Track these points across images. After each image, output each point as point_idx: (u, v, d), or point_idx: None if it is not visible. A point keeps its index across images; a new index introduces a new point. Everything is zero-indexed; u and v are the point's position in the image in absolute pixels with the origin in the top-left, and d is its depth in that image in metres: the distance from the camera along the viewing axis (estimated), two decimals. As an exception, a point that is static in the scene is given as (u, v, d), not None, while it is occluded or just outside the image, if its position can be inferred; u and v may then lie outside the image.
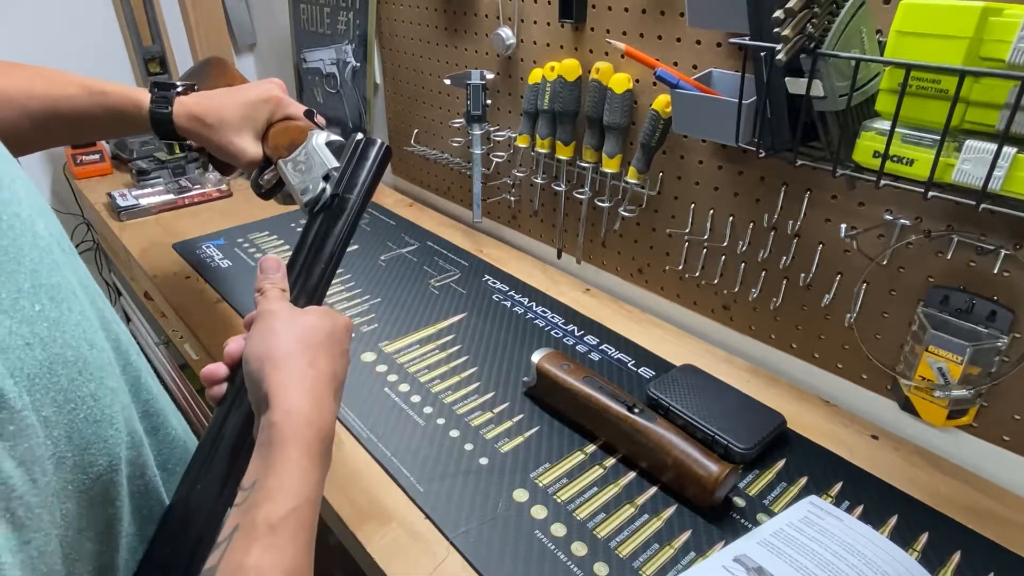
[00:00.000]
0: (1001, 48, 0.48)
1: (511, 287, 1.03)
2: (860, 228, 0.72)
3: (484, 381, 0.82)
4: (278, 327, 0.49)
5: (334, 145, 0.64)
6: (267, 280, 0.54)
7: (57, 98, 0.65)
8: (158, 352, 1.64)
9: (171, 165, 1.43)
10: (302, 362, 0.47)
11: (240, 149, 0.68)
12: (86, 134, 0.72)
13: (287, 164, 0.65)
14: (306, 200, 0.61)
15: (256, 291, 0.53)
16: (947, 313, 0.68)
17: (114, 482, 0.41)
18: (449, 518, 0.63)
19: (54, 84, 0.65)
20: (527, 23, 1.00)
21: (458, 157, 1.24)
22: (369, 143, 0.62)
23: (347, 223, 0.59)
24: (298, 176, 0.63)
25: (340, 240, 0.58)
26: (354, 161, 0.61)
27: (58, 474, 0.35)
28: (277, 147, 0.68)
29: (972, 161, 0.52)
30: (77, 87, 0.66)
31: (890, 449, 0.73)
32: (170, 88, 0.69)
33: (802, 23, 0.55)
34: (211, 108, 0.68)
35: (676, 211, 0.91)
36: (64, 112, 0.66)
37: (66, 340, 0.36)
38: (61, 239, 0.42)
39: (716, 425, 0.70)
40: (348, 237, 0.59)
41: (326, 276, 0.57)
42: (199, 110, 0.68)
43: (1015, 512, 0.65)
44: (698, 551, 0.60)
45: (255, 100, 0.68)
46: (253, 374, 0.46)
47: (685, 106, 0.74)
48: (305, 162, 0.64)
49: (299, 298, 0.55)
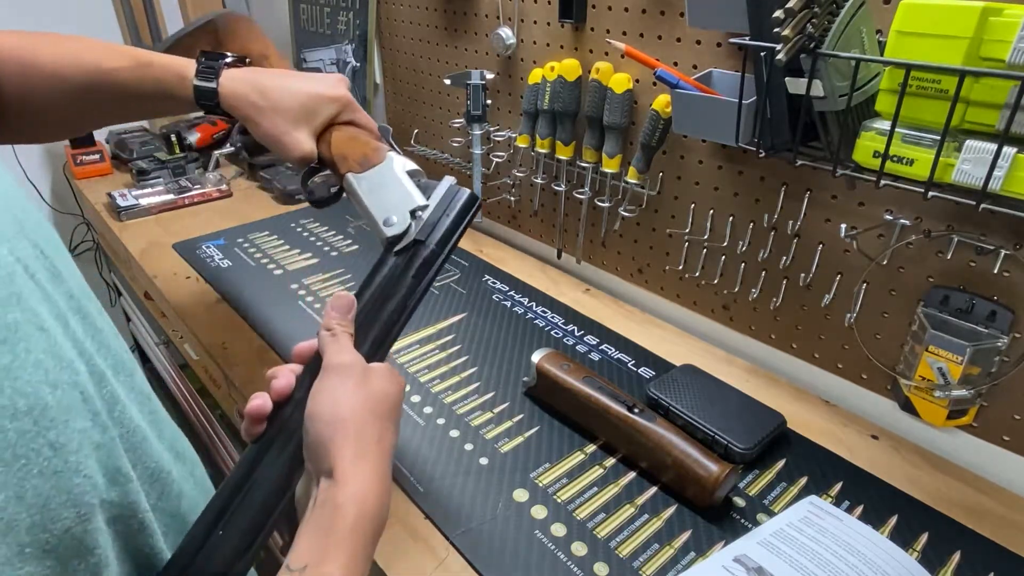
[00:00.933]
0: (1001, 48, 0.48)
1: (511, 287, 1.03)
2: (860, 228, 0.72)
3: (484, 381, 0.82)
4: (351, 389, 0.45)
5: (414, 177, 0.58)
6: (338, 321, 0.49)
7: (106, 71, 0.60)
8: (158, 352, 1.64)
9: (171, 165, 1.43)
10: (373, 435, 0.43)
11: (295, 141, 0.60)
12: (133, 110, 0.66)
13: (360, 181, 0.58)
14: (390, 234, 0.54)
15: (325, 329, 0.49)
16: (947, 313, 0.68)
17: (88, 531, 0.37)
18: (449, 518, 0.63)
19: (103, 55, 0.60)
20: (527, 23, 1.00)
21: (458, 157, 1.24)
22: (461, 192, 0.56)
23: (426, 281, 0.53)
24: (375, 200, 0.57)
25: (416, 297, 0.52)
26: (443, 209, 0.55)
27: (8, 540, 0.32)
28: (345, 157, 0.61)
29: (972, 161, 0.52)
30: (125, 58, 0.60)
31: (890, 449, 0.73)
32: (218, 58, 0.62)
33: (802, 23, 0.55)
34: (267, 88, 0.61)
35: (676, 211, 0.91)
36: (111, 85, 0.60)
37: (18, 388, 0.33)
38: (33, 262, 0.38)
39: (716, 425, 0.70)
40: (423, 295, 0.53)
41: (395, 331, 0.52)
42: (250, 87, 0.61)
43: (1015, 512, 0.65)
44: (698, 551, 0.60)
45: (322, 95, 0.61)
46: (321, 436, 0.43)
47: (685, 106, 0.74)
48: (382, 186, 0.57)
49: (363, 345, 0.50)
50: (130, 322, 1.83)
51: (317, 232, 1.20)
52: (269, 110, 0.60)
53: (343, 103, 0.62)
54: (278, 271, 1.06)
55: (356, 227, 1.23)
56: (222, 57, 0.62)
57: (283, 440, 0.46)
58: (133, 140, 1.53)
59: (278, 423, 0.47)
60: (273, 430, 0.47)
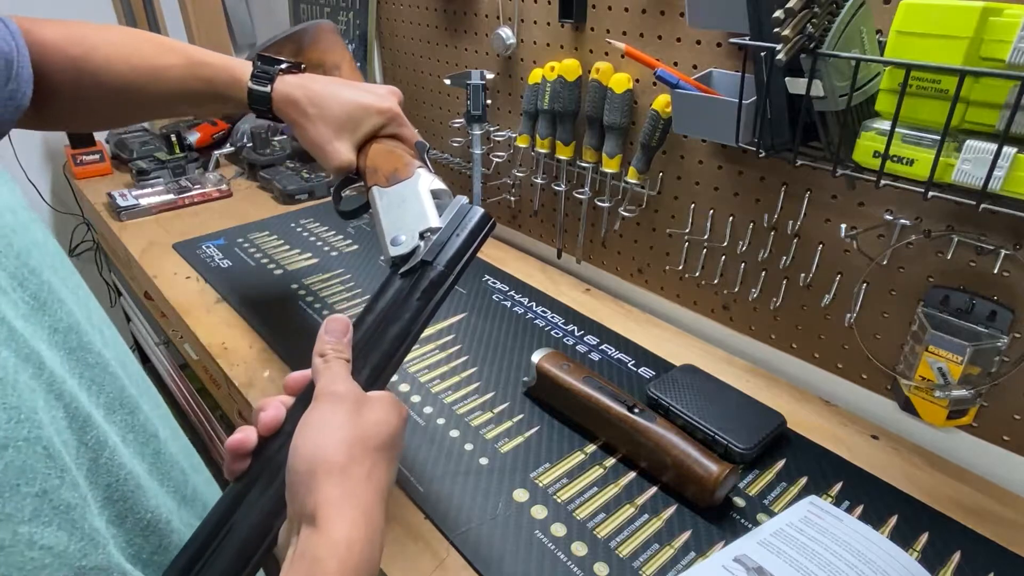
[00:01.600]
0: (1001, 48, 0.48)
1: (511, 287, 1.03)
2: (860, 228, 0.72)
3: (484, 381, 0.82)
4: (341, 420, 0.40)
5: (437, 195, 0.56)
6: (331, 346, 0.45)
7: (159, 68, 0.59)
8: (158, 352, 1.64)
9: (171, 165, 1.43)
10: (361, 473, 0.39)
11: (335, 151, 0.60)
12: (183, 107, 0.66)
13: (382, 196, 0.57)
14: (395, 254, 0.52)
15: (317, 355, 0.45)
16: (947, 313, 0.68)
17: None
18: (449, 518, 0.63)
19: (156, 53, 0.60)
20: (527, 23, 1.00)
21: (458, 157, 1.24)
22: (473, 211, 0.53)
23: (434, 303, 0.50)
24: (390, 217, 0.55)
25: (423, 320, 0.49)
26: (453, 229, 0.52)
27: None
28: (377, 169, 0.60)
29: (972, 161, 0.52)
30: (178, 56, 0.60)
31: (890, 449, 0.73)
32: (274, 64, 0.62)
33: (802, 23, 0.55)
34: (315, 96, 0.60)
35: (676, 211, 0.91)
36: (163, 83, 0.60)
37: None
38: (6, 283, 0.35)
39: (716, 425, 0.70)
40: (430, 317, 0.50)
41: (398, 356, 0.49)
42: (301, 94, 0.60)
43: (1015, 512, 0.65)
44: (698, 551, 0.60)
45: (369, 107, 0.60)
46: (301, 475, 0.38)
47: (685, 106, 0.74)
48: (402, 204, 0.55)
49: (361, 372, 0.47)
50: (130, 322, 1.83)
51: (317, 232, 1.20)
52: (316, 117, 0.60)
53: (389, 116, 0.62)
54: (278, 271, 1.06)
55: (356, 227, 1.23)
56: (277, 62, 0.62)
57: (267, 479, 0.42)
58: (133, 140, 1.53)
59: (263, 459, 0.43)
60: (257, 467, 0.43)
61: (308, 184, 1.35)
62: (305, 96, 0.61)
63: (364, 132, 0.61)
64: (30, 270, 0.37)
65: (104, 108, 0.61)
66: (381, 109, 0.61)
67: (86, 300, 0.43)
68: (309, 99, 0.60)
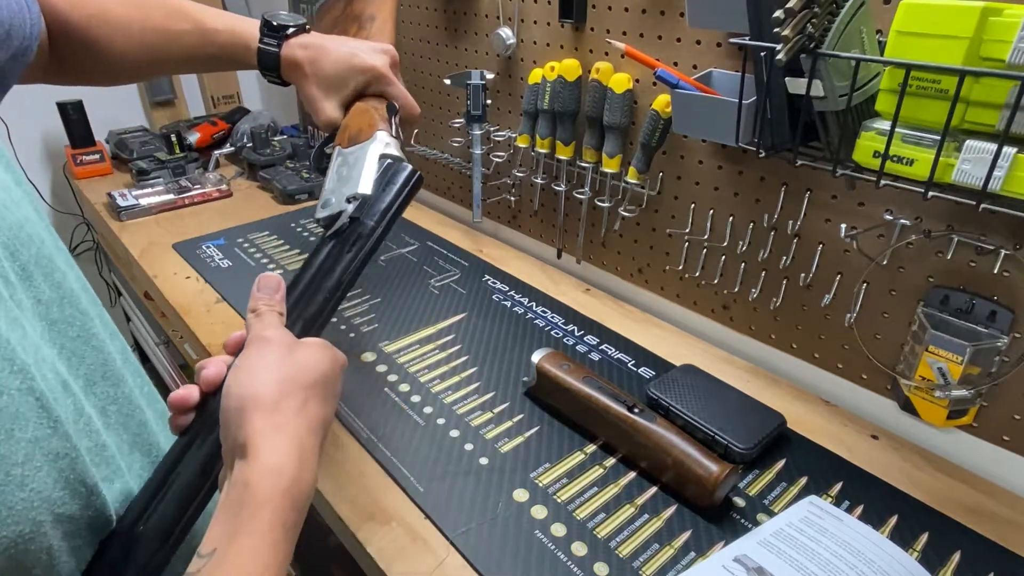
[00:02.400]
0: (1001, 48, 0.48)
1: (511, 287, 1.03)
2: (860, 228, 0.72)
3: (484, 381, 0.82)
4: (271, 360, 0.42)
5: (385, 161, 0.58)
6: (264, 301, 0.47)
7: (172, 32, 0.62)
8: (158, 352, 1.64)
9: (171, 165, 1.43)
10: (292, 406, 0.40)
11: (322, 109, 0.63)
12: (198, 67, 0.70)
13: (337, 156, 0.59)
14: (321, 216, 0.54)
15: (250, 311, 0.47)
16: (947, 313, 0.68)
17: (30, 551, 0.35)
18: (449, 518, 0.63)
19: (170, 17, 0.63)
20: (527, 23, 1.00)
21: (458, 157, 1.24)
22: (399, 169, 0.57)
23: (363, 253, 0.53)
24: (334, 178, 0.56)
25: (352, 270, 0.52)
26: (381, 186, 0.56)
27: None
28: (346, 129, 0.61)
29: (972, 161, 0.52)
30: (190, 23, 0.63)
31: (890, 449, 0.73)
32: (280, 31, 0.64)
33: (802, 23, 0.55)
34: (314, 57, 0.63)
35: (676, 211, 0.91)
36: (177, 46, 0.63)
37: None
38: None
39: (716, 425, 0.70)
40: (361, 268, 0.53)
41: (330, 307, 0.51)
42: (302, 55, 0.63)
43: (1015, 512, 0.65)
44: (698, 551, 0.60)
45: (355, 66, 0.62)
46: (231, 412, 0.39)
47: (685, 106, 0.74)
48: (351, 166, 0.56)
49: (295, 324, 0.49)
50: (130, 322, 1.83)
51: (317, 232, 1.20)
52: (312, 76, 0.62)
53: (372, 75, 0.63)
54: (278, 271, 1.06)
55: (356, 227, 1.23)
56: (284, 30, 0.64)
57: (208, 430, 0.44)
58: (133, 140, 1.53)
59: (205, 414, 0.45)
60: (199, 422, 0.45)
61: (308, 184, 1.35)
62: (305, 57, 0.63)
63: (350, 90, 0.63)
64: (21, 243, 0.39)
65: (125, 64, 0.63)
66: (365, 68, 0.62)
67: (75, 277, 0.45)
68: (308, 59, 0.62)
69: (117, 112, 1.69)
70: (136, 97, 1.75)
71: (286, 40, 0.63)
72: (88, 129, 1.50)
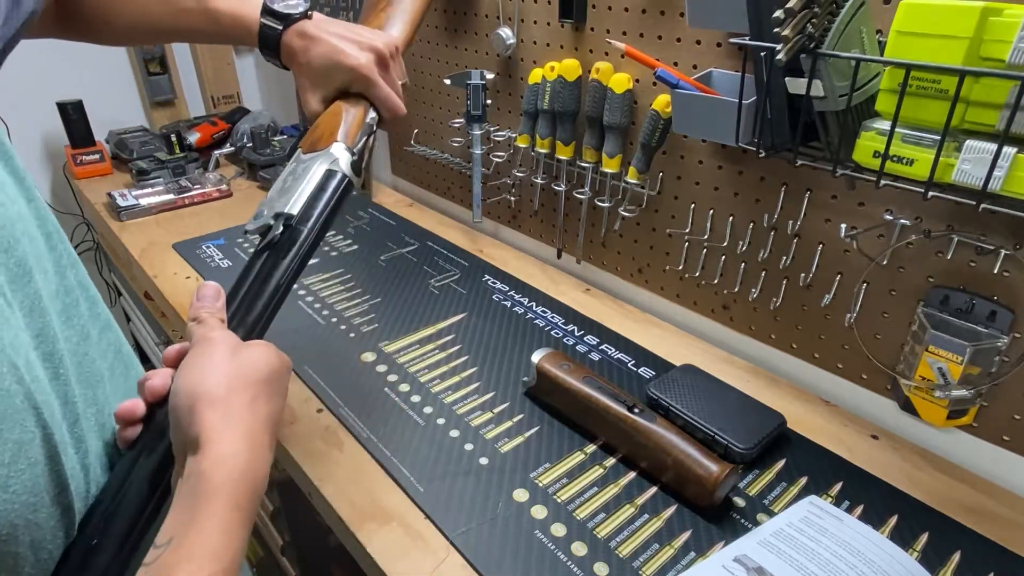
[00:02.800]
0: (1001, 48, 0.48)
1: (511, 287, 1.03)
2: (860, 228, 0.72)
3: (484, 381, 0.82)
4: (217, 358, 0.43)
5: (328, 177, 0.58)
6: (205, 309, 0.48)
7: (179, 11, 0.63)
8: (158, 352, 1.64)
9: (171, 165, 1.43)
10: (242, 400, 0.41)
11: (306, 101, 0.63)
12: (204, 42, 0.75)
13: (293, 162, 0.59)
14: (250, 228, 0.55)
15: (191, 319, 0.47)
16: (947, 313, 0.68)
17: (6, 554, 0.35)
18: (449, 518, 0.63)
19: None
20: (527, 23, 1.00)
21: (458, 157, 1.24)
22: (330, 175, 0.57)
23: (296, 259, 0.54)
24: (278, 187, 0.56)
25: (287, 276, 0.53)
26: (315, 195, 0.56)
27: None
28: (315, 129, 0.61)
29: (972, 161, 0.52)
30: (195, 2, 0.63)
31: (890, 449, 0.73)
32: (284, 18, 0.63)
33: (802, 23, 0.55)
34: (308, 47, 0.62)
35: (676, 211, 0.91)
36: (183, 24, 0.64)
37: None
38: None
39: (716, 425, 0.70)
40: (296, 274, 0.54)
41: (269, 311, 0.52)
42: (297, 44, 0.62)
43: (1015, 512, 0.65)
44: (698, 551, 0.60)
45: (339, 63, 0.61)
46: (182, 410, 0.40)
47: (685, 106, 0.74)
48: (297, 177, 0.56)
49: (237, 330, 0.50)
50: (130, 322, 1.83)
51: (317, 232, 1.20)
52: (304, 67, 0.62)
53: (354, 76, 0.61)
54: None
55: (356, 227, 1.23)
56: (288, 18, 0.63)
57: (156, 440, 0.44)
58: (133, 140, 1.53)
59: (153, 425, 0.45)
60: (147, 433, 0.45)
61: (308, 184, 1.35)
62: (300, 46, 0.62)
63: (333, 87, 0.62)
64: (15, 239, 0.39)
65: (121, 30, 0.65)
66: (348, 67, 0.61)
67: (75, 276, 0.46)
68: (302, 48, 0.62)
69: (117, 112, 1.69)
70: (136, 97, 1.75)
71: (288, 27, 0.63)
72: (88, 129, 1.50)
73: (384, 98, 0.63)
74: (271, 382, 0.44)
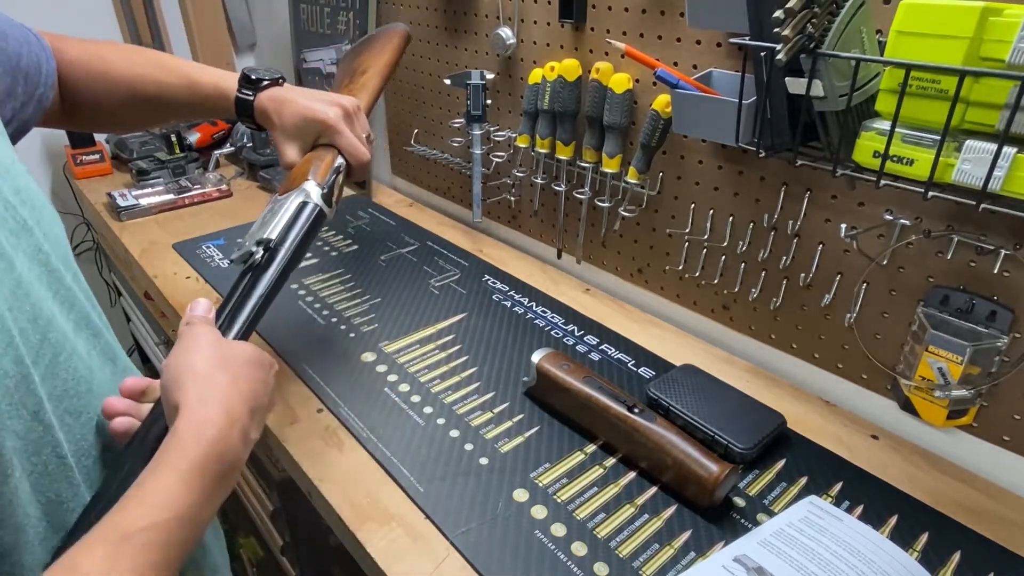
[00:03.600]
0: (1001, 48, 0.48)
1: (511, 287, 1.03)
2: (860, 228, 0.72)
3: (484, 381, 0.82)
4: (203, 342, 0.48)
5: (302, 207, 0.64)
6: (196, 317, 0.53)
7: (165, 86, 0.70)
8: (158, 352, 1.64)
9: (171, 165, 1.43)
10: (225, 378, 0.45)
11: (283, 154, 0.70)
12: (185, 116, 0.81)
13: (270, 203, 0.66)
14: (235, 257, 0.61)
15: (183, 324, 0.52)
16: (947, 313, 0.68)
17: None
18: (449, 518, 0.63)
19: (163, 74, 0.70)
20: (527, 23, 1.00)
21: (458, 157, 1.24)
22: (303, 206, 0.64)
23: (275, 274, 0.60)
24: (258, 223, 0.63)
25: (268, 289, 0.59)
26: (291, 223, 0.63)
27: None
28: (291, 176, 0.68)
29: (972, 161, 0.52)
30: (178, 76, 0.70)
31: (890, 449, 0.73)
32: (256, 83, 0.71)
33: (802, 23, 0.55)
34: (278, 109, 0.69)
35: (676, 211, 0.91)
36: (168, 99, 0.70)
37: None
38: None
39: (716, 425, 0.70)
40: (276, 287, 0.60)
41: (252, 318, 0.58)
42: (272, 106, 0.70)
43: (1015, 512, 0.65)
44: (698, 551, 0.60)
45: (310, 118, 0.68)
46: (170, 384, 0.45)
47: (685, 106, 0.74)
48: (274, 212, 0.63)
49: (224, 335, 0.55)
50: (130, 322, 1.83)
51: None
52: (279, 125, 0.70)
53: (323, 127, 0.68)
54: (278, 271, 1.06)
55: (356, 227, 1.23)
56: (259, 82, 0.71)
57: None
58: (133, 140, 1.52)
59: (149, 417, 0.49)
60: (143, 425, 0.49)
61: (308, 184, 1.35)
62: (273, 108, 0.70)
63: (309, 140, 0.70)
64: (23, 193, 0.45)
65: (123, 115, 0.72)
66: (317, 120, 0.68)
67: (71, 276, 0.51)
68: (275, 110, 0.69)
69: (117, 112, 1.69)
70: (136, 97, 1.75)
71: (259, 92, 0.70)
72: (88, 129, 1.50)
73: (349, 146, 0.69)
74: (254, 369, 0.49)
